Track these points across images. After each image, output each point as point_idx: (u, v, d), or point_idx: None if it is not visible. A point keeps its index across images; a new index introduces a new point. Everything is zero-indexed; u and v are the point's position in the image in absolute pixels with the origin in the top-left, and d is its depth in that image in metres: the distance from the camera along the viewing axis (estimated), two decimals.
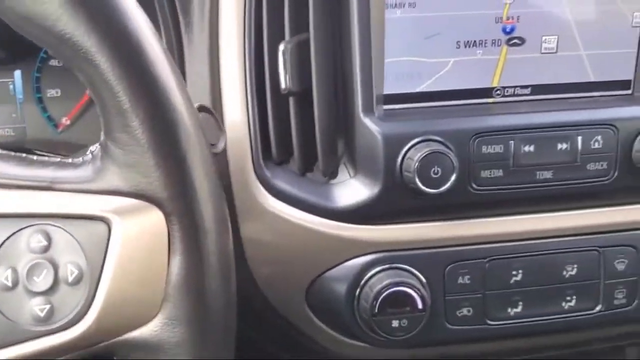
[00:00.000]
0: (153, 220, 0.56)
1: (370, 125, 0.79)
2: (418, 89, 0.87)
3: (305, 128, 0.81)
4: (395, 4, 0.82)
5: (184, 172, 0.56)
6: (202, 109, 0.66)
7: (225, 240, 0.61)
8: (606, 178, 0.83)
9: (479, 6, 0.84)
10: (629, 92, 0.90)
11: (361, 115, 0.79)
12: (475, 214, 0.83)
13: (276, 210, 0.81)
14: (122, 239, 0.55)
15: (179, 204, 0.56)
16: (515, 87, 0.88)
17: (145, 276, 0.56)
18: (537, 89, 0.89)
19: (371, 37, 0.79)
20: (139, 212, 0.56)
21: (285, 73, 0.78)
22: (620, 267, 0.87)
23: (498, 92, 0.88)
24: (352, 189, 0.81)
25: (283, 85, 0.78)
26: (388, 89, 0.86)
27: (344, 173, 0.83)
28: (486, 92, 0.88)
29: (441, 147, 0.76)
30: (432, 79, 0.87)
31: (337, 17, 0.81)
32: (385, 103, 0.86)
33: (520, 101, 0.88)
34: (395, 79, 0.86)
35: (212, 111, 0.64)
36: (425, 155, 0.76)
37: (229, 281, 0.61)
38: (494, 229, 0.83)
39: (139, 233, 0.56)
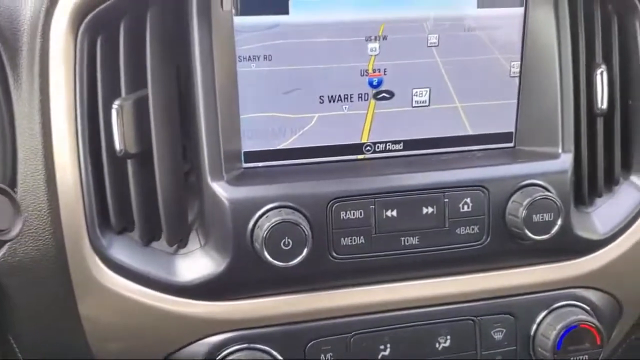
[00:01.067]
0: None
1: (218, 190, 0.72)
2: (281, 146, 0.80)
3: (147, 193, 0.73)
4: (249, 57, 0.75)
5: None
6: None
7: None
8: (478, 243, 0.77)
9: (342, 59, 0.78)
10: (511, 145, 0.86)
11: (208, 179, 0.72)
12: (337, 284, 0.76)
13: (114, 286, 0.72)
14: None
15: None
16: (386, 142, 0.82)
17: None
18: (410, 144, 0.83)
19: (218, 93, 0.72)
20: None
21: (120, 133, 0.70)
22: (498, 336, 0.81)
23: (368, 147, 0.82)
24: (199, 261, 0.73)
25: (118, 147, 0.70)
26: (247, 147, 0.79)
27: (194, 242, 0.75)
28: (356, 148, 0.82)
29: (292, 217, 0.69)
30: (296, 135, 0.80)
31: (179, 71, 0.74)
32: (246, 161, 0.79)
33: (393, 157, 0.83)
34: (254, 136, 0.78)
35: (6, 190, 0.55)
36: (275, 225, 0.69)
37: None
38: (357, 299, 0.77)
39: None
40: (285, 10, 0.75)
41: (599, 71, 0.82)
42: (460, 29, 0.79)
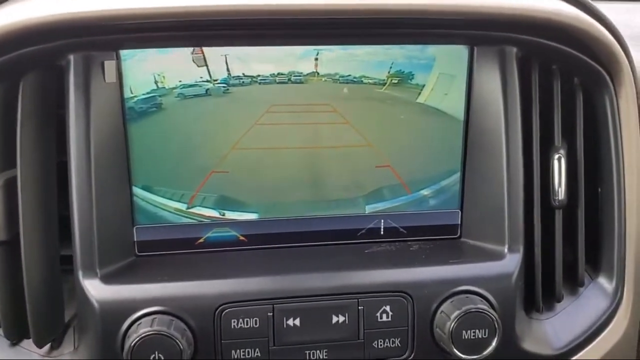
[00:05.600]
0: None
1: (89, 289, 0.62)
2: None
3: (15, 285, 0.63)
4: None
5: None
6: None
7: None
8: (400, 359, 0.66)
9: None
10: (456, 235, 0.74)
11: (80, 275, 0.62)
12: None
13: None
14: None
15: None
16: None
17: None
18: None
19: (96, 172, 0.62)
20: None
21: None
22: None
23: None
24: None
25: None
26: (141, 235, 0.70)
27: (69, 343, 0.66)
28: None
29: (165, 328, 0.58)
30: None
31: (54, 151, 0.65)
32: (140, 250, 0.70)
33: (318, 245, 0.71)
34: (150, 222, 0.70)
35: None
36: (142, 338, 0.58)
37: None
38: None
39: None
40: None
41: (556, 156, 0.70)
42: None
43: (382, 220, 0.71)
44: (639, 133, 0.72)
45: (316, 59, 0.66)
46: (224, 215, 0.69)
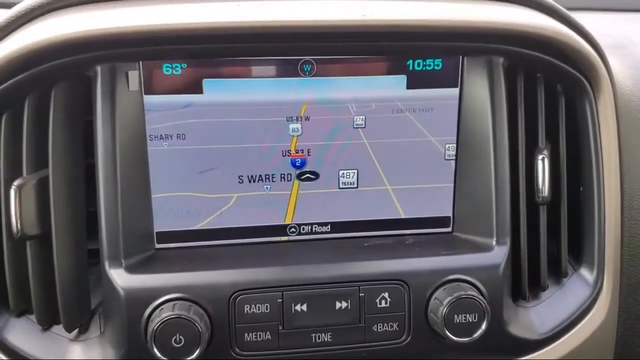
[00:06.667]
0: None
1: (114, 277, 0.68)
2: (197, 227, 0.76)
3: (46, 276, 0.69)
4: (161, 136, 0.72)
5: None
6: None
7: None
8: (397, 341, 0.71)
9: (262, 139, 0.74)
10: (448, 230, 0.81)
11: (106, 265, 0.69)
12: None
13: None
14: None
15: None
16: (312, 224, 0.78)
17: None
18: (338, 226, 0.78)
19: (123, 173, 0.69)
20: None
21: (17, 215, 0.67)
22: None
23: (293, 229, 0.78)
24: (94, 351, 0.69)
25: (14, 229, 0.67)
26: (160, 227, 0.75)
27: (96, 328, 0.72)
28: (280, 229, 0.77)
29: (185, 312, 0.65)
30: (213, 216, 0.76)
31: (82, 153, 0.71)
32: (160, 242, 0.76)
33: (319, 239, 0.78)
34: (168, 216, 0.75)
35: None
36: (165, 321, 0.65)
37: None
38: None
39: None
40: (199, 90, 0.72)
41: (540, 157, 0.76)
42: (389, 110, 0.75)
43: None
44: (617, 136, 0.78)
45: None
46: None
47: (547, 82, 0.78)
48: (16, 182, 0.68)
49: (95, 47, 0.67)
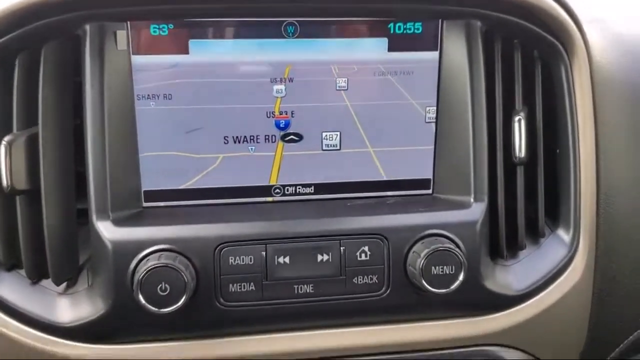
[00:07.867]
0: None
1: (102, 231, 0.70)
2: (183, 186, 0.78)
3: (35, 230, 0.71)
4: (148, 96, 0.74)
5: None
6: None
7: None
8: (377, 294, 0.74)
9: (246, 99, 0.76)
10: (429, 191, 0.83)
11: (94, 218, 0.71)
12: (225, 332, 0.73)
13: None
14: None
15: None
16: (296, 185, 0.80)
17: None
18: (321, 187, 0.80)
19: (110, 131, 0.71)
20: None
21: (7, 170, 0.69)
22: None
23: (277, 190, 0.80)
24: (83, 302, 0.71)
25: (4, 183, 0.70)
26: (148, 185, 0.77)
27: (84, 281, 0.74)
28: (264, 190, 0.80)
29: (171, 261, 0.67)
30: (199, 175, 0.79)
31: (72, 113, 0.73)
32: (147, 200, 0.78)
33: (303, 200, 0.80)
34: (155, 175, 0.77)
35: None
36: (151, 270, 0.67)
37: None
38: (246, 349, 0.73)
39: None
40: (185, 51, 0.74)
41: (516, 118, 0.79)
42: (370, 73, 0.78)
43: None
44: (592, 101, 0.81)
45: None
46: None
47: (524, 48, 0.80)
48: (6, 138, 0.70)
49: (84, 6, 0.69)
